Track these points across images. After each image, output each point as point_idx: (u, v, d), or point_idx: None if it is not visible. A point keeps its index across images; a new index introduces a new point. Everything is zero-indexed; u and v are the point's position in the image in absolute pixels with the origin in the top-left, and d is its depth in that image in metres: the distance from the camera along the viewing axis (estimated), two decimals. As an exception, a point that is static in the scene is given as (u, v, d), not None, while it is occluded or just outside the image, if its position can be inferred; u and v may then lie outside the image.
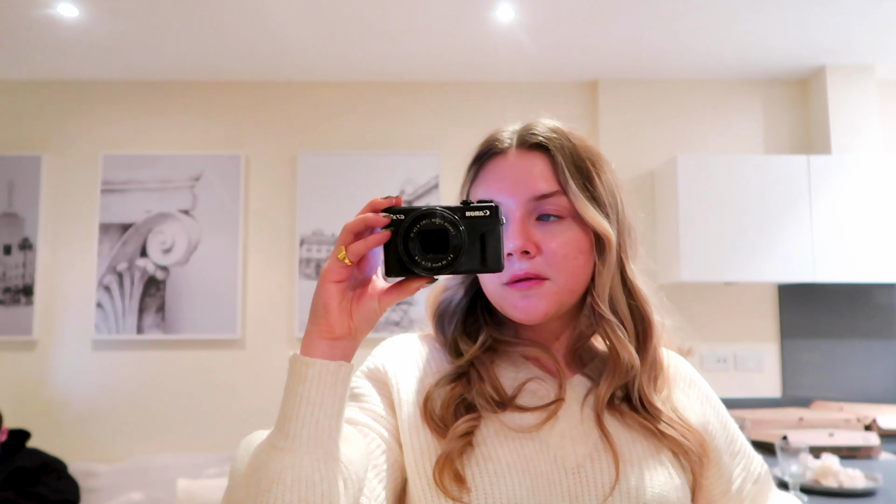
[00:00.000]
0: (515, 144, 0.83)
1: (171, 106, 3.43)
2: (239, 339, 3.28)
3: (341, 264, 0.63)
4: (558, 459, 0.76)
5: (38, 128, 3.40)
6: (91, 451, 3.17)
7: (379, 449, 0.75)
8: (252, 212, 3.38)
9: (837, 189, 3.03)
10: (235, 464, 0.64)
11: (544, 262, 0.78)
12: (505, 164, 0.82)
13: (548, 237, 0.78)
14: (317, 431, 0.62)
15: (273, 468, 0.60)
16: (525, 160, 0.81)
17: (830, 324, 3.32)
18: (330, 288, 0.63)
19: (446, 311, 0.87)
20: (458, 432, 0.74)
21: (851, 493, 1.96)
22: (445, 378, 0.80)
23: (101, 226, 3.30)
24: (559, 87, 3.47)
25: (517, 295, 0.78)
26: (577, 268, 0.79)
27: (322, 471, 0.60)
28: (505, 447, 0.75)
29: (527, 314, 0.78)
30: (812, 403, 3.19)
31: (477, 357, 0.81)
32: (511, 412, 0.78)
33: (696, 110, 3.44)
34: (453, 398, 0.78)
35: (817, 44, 3.08)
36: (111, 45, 3.04)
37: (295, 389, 0.62)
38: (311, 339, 0.64)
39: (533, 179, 0.79)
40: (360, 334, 0.66)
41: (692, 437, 0.81)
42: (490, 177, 0.82)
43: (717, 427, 0.88)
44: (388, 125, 3.45)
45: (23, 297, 3.26)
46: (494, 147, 0.84)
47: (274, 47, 3.09)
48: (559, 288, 0.79)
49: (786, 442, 2.02)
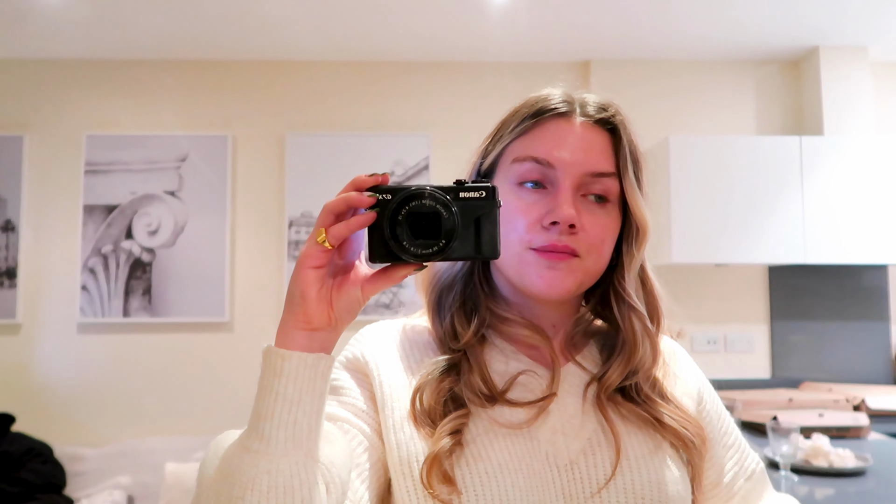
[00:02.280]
0: (581, 113, 0.78)
1: (156, 86, 3.36)
2: (227, 322, 3.25)
3: (320, 248, 0.58)
4: (550, 457, 0.72)
5: (19, 108, 3.32)
6: (77, 434, 3.14)
7: (361, 447, 0.70)
8: (240, 193, 3.33)
9: (829, 170, 3.02)
10: (204, 468, 0.60)
11: (582, 239, 0.74)
12: (569, 128, 0.77)
13: (590, 217, 0.75)
14: (295, 431, 0.57)
15: (247, 473, 0.55)
16: (591, 133, 0.77)
17: (820, 305, 3.33)
18: (308, 274, 0.58)
19: (445, 282, 0.82)
20: (447, 430, 0.70)
21: (841, 473, 1.96)
22: (434, 370, 0.75)
23: (86, 207, 3.24)
24: (551, 68, 3.43)
25: (544, 263, 0.73)
26: (607, 253, 0.77)
27: (301, 474, 0.56)
28: (495, 445, 0.71)
29: (550, 287, 0.74)
30: (802, 384, 3.20)
31: (469, 345, 0.77)
32: (501, 406, 0.74)
33: (689, 91, 3.41)
34: (442, 392, 0.73)
35: (810, 24, 3.05)
36: (94, 23, 2.97)
37: (270, 385, 0.57)
38: (288, 330, 0.59)
39: (594, 155, 0.76)
40: (340, 324, 0.61)
41: (692, 426, 0.78)
42: (548, 136, 0.77)
43: (713, 417, 0.86)
44: (378, 105, 3.40)
45: (6, 279, 3.20)
46: (557, 108, 0.78)
47: (262, 26, 3.02)
48: (586, 268, 0.75)
49: (776, 422, 2.02)
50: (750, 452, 0.89)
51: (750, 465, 0.88)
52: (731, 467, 0.86)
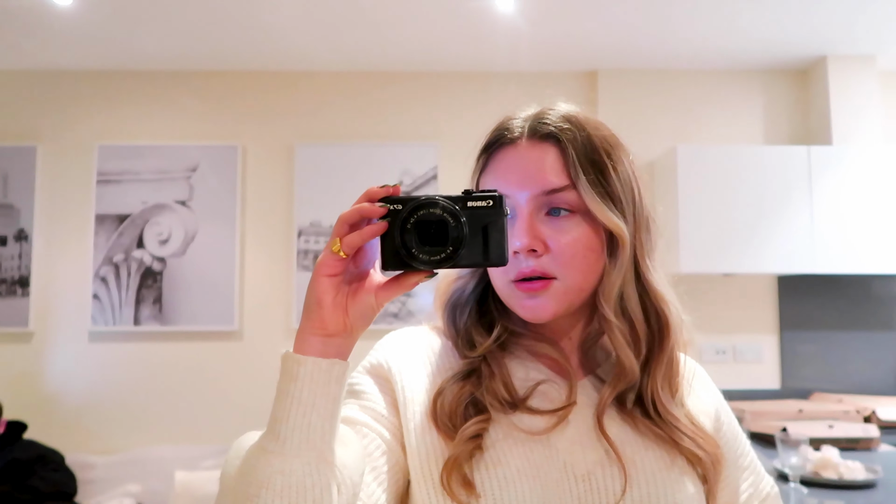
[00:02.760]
0: (527, 134, 0.78)
1: (166, 96, 3.40)
2: (236, 331, 3.27)
3: (336, 257, 0.60)
4: (567, 466, 0.73)
5: (32, 118, 3.37)
6: (88, 442, 3.16)
7: (379, 450, 0.72)
8: (249, 203, 3.36)
9: (838, 180, 3.01)
10: (226, 467, 0.62)
11: (552, 260, 0.74)
12: (515, 154, 0.77)
13: (557, 234, 0.74)
14: (309, 433, 0.59)
15: (262, 472, 0.57)
16: (536, 151, 0.76)
17: (830, 315, 3.31)
18: (324, 282, 0.60)
19: (458, 300, 0.83)
20: (468, 434, 0.71)
21: (851, 485, 1.95)
22: (456, 375, 0.76)
23: (97, 217, 3.28)
24: (558, 77, 3.44)
25: (524, 295, 0.75)
26: (587, 266, 0.75)
27: (314, 475, 0.58)
28: (514, 451, 0.72)
29: (534, 314, 0.75)
30: (811, 395, 3.18)
31: (489, 352, 0.78)
32: (521, 413, 0.74)
33: (696, 100, 3.41)
34: (463, 397, 0.74)
35: (818, 33, 3.06)
36: (106, 34, 3.01)
37: (286, 389, 0.60)
38: (304, 336, 0.61)
39: (543, 173, 0.75)
40: (355, 331, 0.63)
41: (708, 445, 0.77)
42: (499, 167, 0.78)
43: (729, 438, 0.85)
44: (387, 115, 3.42)
45: (19, 288, 3.24)
46: (504, 136, 0.79)
47: (271, 37, 3.06)
48: (567, 287, 0.75)
49: (785, 434, 2.01)
50: (765, 475, 0.89)
51: (765, 488, 0.88)
52: (745, 489, 0.85)
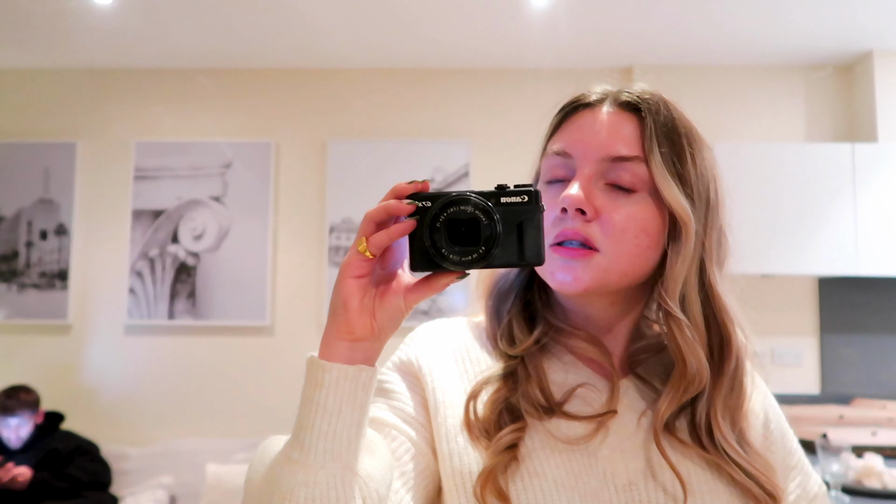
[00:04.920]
0: (608, 101, 0.74)
1: (202, 94, 3.44)
2: (268, 326, 3.30)
3: (362, 257, 0.56)
4: (608, 475, 0.69)
5: (72, 115, 3.44)
6: (123, 434, 3.22)
7: (408, 454, 0.69)
8: (282, 199, 3.38)
9: (883, 179, 2.92)
10: (251, 472, 0.60)
11: (600, 230, 0.68)
12: (591, 117, 0.73)
13: (612, 206, 0.69)
14: (334, 443, 0.56)
15: (286, 484, 0.55)
16: (614, 117, 0.72)
17: (872, 318, 3.21)
18: (350, 284, 0.57)
19: (503, 287, 0.79)
20: (503, 444, 0.67)
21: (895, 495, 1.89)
22: (491, 378, 0.72)
23: (134, 212, 3.33)
24: (594, 74, 3.34)
25: (559, 261, 0.69)
26: (638, 249, 0.69)
27: (338, 488, 0.55)
28: (552, 461, 0.68)
29: (562, 285, 0.70)
30: (853, 401, 3.08)
31: (528, 352, 0.73)
32: (558, 419, 0.70)
33: (736, 97, 3.33)
34: (497, 402, 0.70)
35: (864, 28, 2.96)
36: (143, 33, 3.06)
37: (311, 396, 0.57)
38: (330, 341, 0.58)
39: (615, 139, 0.70)
40: (383, 335, 0.59)
41: (767, 481, 0.70)
42: (571, 128, 0.74)
43: (776, 437, 0.81)
44: (419, 112, 3.42)
45: (58, 281, 3.31)
46: (583, 98, 0.75)
47: (304, 34, 3.07)
48: (609, 265, 0.69)
49: (826, 440, 1.94)
50: (812, 474, 0.84)
51: (812, 487, 0.83)
52: (793, 489, 0.81)
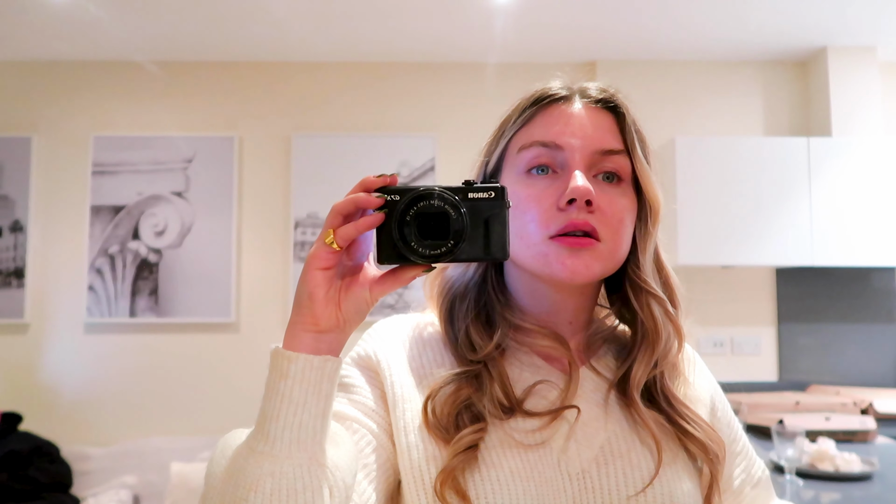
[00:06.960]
0: (580, 97, 0.77)
1: (163, 87, 3.37)
2: (233, 323, 3.26)
3: (329, 249, 0.57)
4: (562, 464, 0.70)
5: (27, 109, 3.34)
6: (84, 434, 3.15)
7: (369, 446, 0.69)
8: (246, 194, 3.34)
9: (837, 172, 3.00)
10: (212, 466, 0.59)
11: (600, 222, 0.72)
12: (570, 110, 0.76)
13: (605, 198, 0.73)
14: (300, 433, 0.56)
15: (251, 474, 0.55)
16: (593, 113, 0.76)
17: (828, 308, 3.31)
18: (316, 275, 0.58)
19: (457, 291, 0.79)
20: (464, 445, 0.68)
21: (848, 478, 1.95)
22: (450, 377, 0.73)
23: (93, 208, 3.26)
24: (557, 68, 3.33)
25: (565, 251, 0.71)
26: (628, 237, 0.75)
27: (305, 478, 0.56)
28: (508, 454, 0.69)
29: (574, 273, 0.71)
30: (809, 387, 3.18)
31: (489, 357, 0.74)
32: (518, 417, 0.72)
33: (695, 91, 3.40)
34: (457, 402, 0.70)
35: (818, 24, 3.03)
36: (101, 24, 2.98)
37: (276, 387, 0.57)
38: (295, 332, 0.58)
39: (601, 132, 0.74)
40: (349, 326, 0.60)
41: (716, 437, 0.75)
42: (553, 120, 0.76)
43: (723, 424, 0.84)
44: (384, 107, 3.40)
45: (14, 279, 3.22)
46: (557, 94, 0.78)
47: (268, 27, 3.03)
48: (609, 252, 0.73)
49: (782, 426, 2.00)
50: (756, 459, 0.88)
51: (756, 472, 0.87)
52: (738, 474, 0.84)
